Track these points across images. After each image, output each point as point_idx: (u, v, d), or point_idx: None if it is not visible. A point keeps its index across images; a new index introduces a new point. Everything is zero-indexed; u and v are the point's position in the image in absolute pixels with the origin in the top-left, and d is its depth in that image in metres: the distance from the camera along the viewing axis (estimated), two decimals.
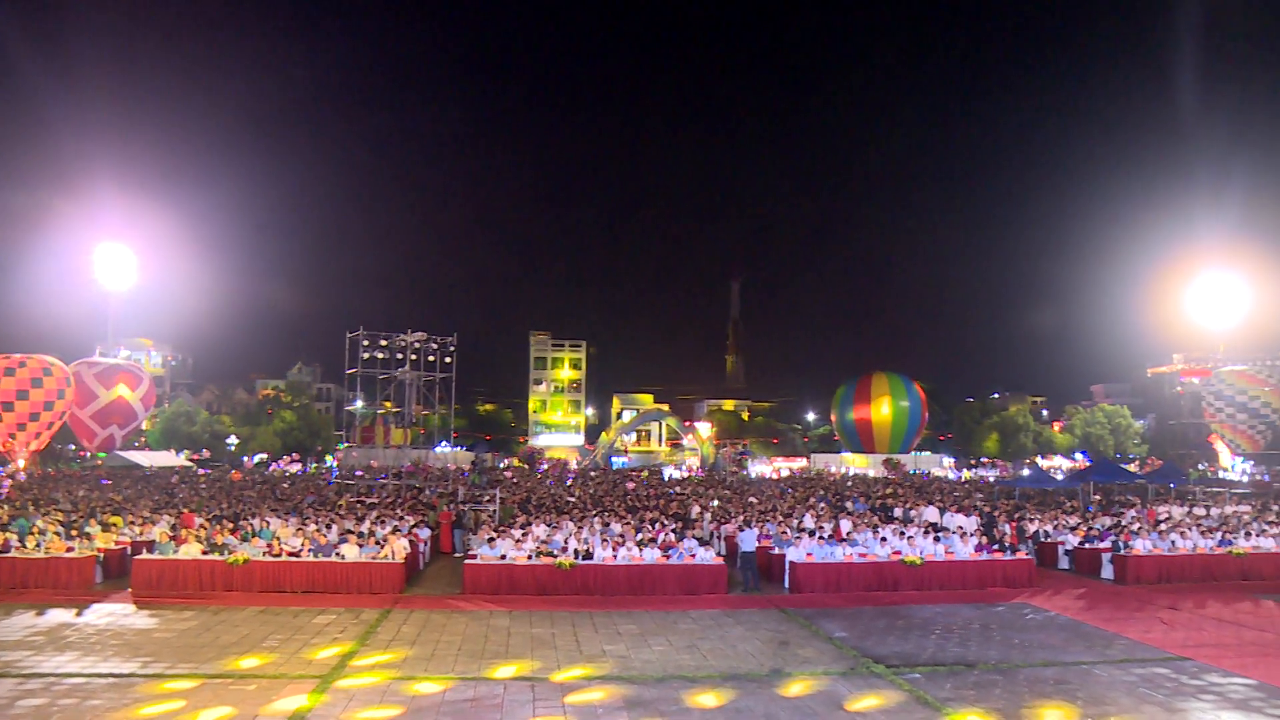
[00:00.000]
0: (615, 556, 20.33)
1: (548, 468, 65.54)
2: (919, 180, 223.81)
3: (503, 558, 20.10)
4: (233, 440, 74.04)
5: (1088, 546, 24.17)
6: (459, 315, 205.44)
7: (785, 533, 23.83)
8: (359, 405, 77.33)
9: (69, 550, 20.23)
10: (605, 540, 21.50)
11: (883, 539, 22.29)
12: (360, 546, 20.35)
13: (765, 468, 74.80)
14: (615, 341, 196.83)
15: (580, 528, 23.92)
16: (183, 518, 25.33)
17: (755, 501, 34.91)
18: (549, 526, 24.25)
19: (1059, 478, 46.36)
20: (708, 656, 14.08)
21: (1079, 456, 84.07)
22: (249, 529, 22.93)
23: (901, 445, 74.03)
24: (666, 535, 22.70)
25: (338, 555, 19.89)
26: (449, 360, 76.51)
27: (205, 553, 19.63)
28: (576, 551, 20.34)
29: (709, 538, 26.30)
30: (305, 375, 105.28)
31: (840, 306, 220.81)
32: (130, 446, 59.85)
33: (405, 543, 21.37)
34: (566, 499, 35.73)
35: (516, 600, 18.73)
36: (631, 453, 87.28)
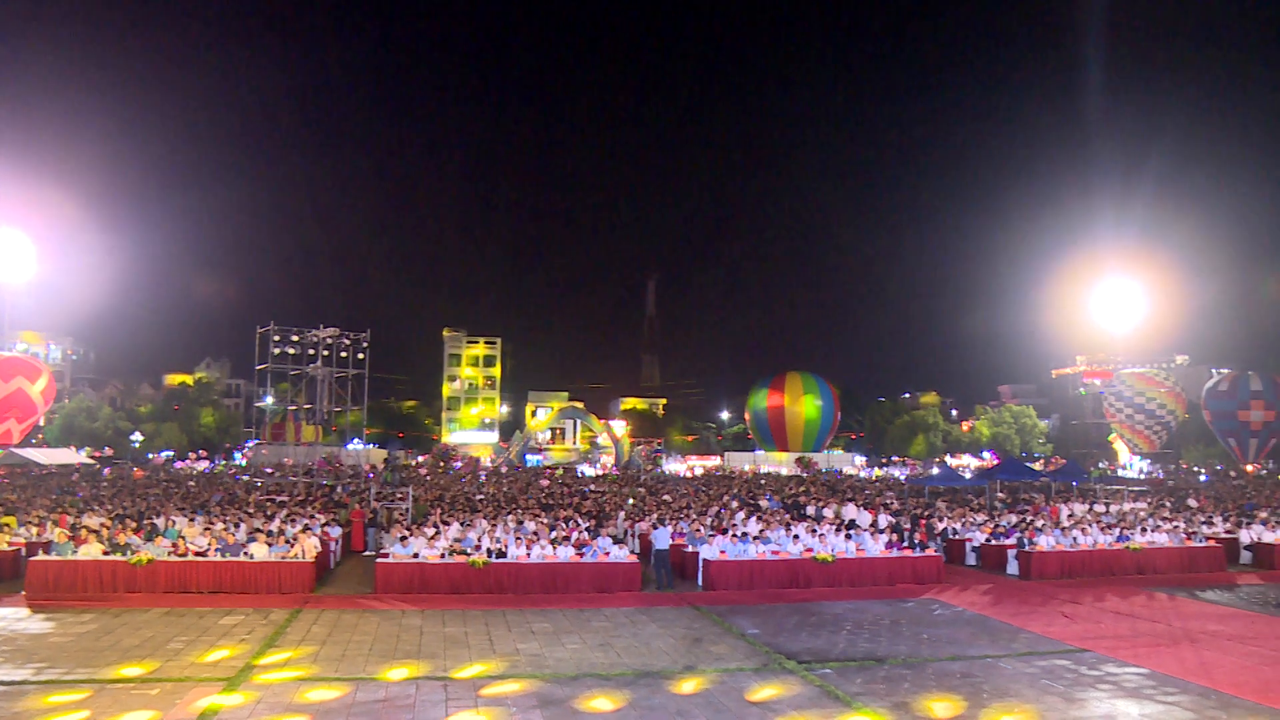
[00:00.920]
0: (529, 555, 20.33)
1: (462, 465, 65.04)
2: (832, 186, 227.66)
3: (416, 556, 19.95)
4: (137, 437, 71.68)
5: (994, 543, 24.92)
6: (373, 312, 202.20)
7: (699, 530, 24.09)
8: (269, 402, 75.61)
9: None
10: (519, 538, 21.49)
11: (795, 536, 22.67)
12: (270, 545, 19.98)
13: (680, 466, 75.31)
14: (531, 339, 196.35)
15: (494, 526, 23.89)
16: (60, 519, 24.25)
17: (669, 499, 35.19)
18: (462, 525, 24.15)
19: (967, 476, 47.59)
20: (621, 654, 14.18)
21: (987, 455, 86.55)
22: (153, 528, 22.33)
23: (815, 444, 75.20)
24: (581, 533, 22.78)
25: (246, 554, 19.49)
26: (362, 357, 75.26)
27: (106, 553, 19.01)
28: (490, 550, 20.29)
29: (623, 536, 26.45)
30: (214, 371, 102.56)
31: (756, 307, 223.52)
32: (28, 443, 57.54)
33: (316, 541, 21.05)
34: (480, 497, 35.56)
35: (429, 599, 18.62)
36: (547, 450, 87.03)
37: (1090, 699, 11.92)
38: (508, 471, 59.54)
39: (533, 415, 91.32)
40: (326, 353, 73.47)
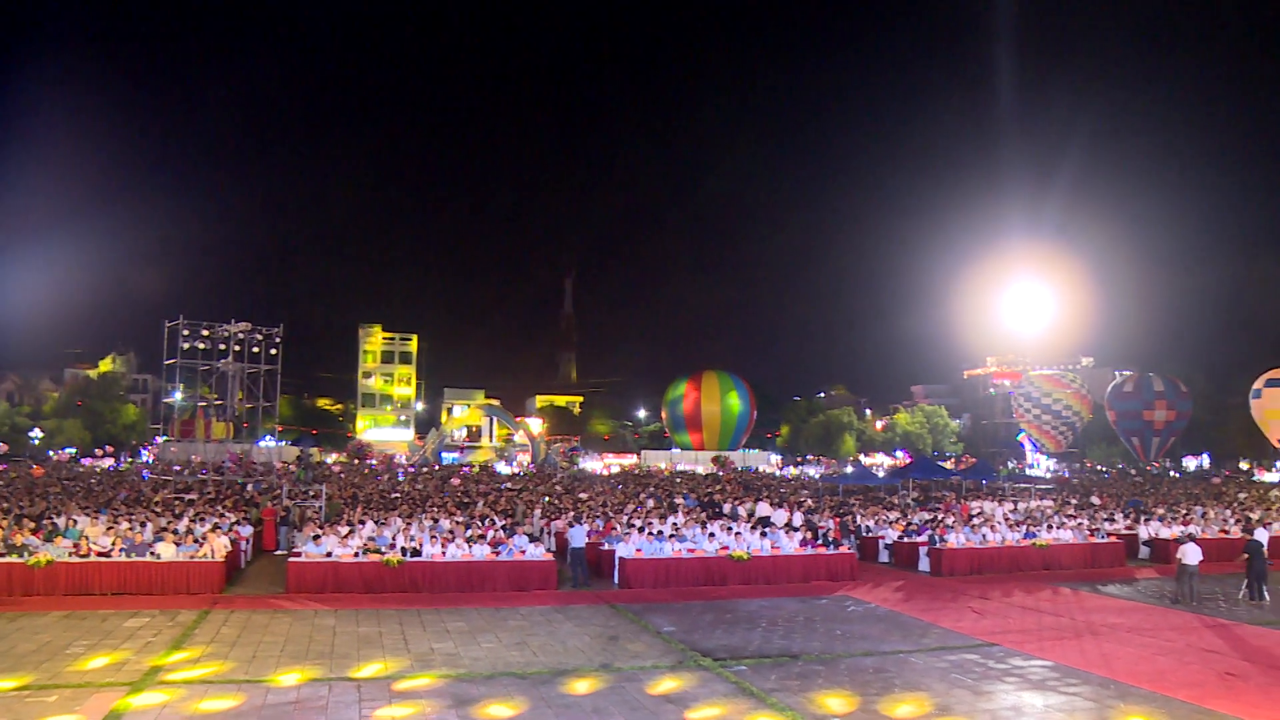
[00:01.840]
0: (444, 553, 20.24)
1: (376, 463, 64.17)
2: (746, 186, 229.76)
3: (328, 555, 19.71)
4: (37, 434, 69.15)
5: (906, 540, 25.56)
6: (286, 307, 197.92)
7: (615, 529, 24.22)
8: (178, 397, 73.55)
9: None
10: (434, 537, 21.36)
11: (710, 535, 22.94)
12: (177, 545, 19.51)
13: (596, 464, 75.41)
14: (448, 336, 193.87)
15: (409, 524, 23.70)
16: None
17: (585, 497, 35.27)
18: (377, 523, 23.91)
19: (880, 475, 48.51)
20: (537, 653, 14.24)
21: (899, 454, 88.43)
22: (53, 527, 21.61)
23: (731, 442, 75.95)
24: (496, 532, 22.73)
25: (153, 554, 19.01)
26: (274, 352, 73.85)
27: (1, 555, 18.35)
28: (405, 549, 20.14)
29: (539, 534, 26.45)
30: (120, 366, 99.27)
31: (673, 306, 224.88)
32: None
33: (226, 541, 20.65)
34: (395, 495, 35.19)
35: (343, 599, 18.43)
36: (463, 448, 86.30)
37: (997, 691, 12.39)
38: (423, 469, 58.89)
39: (449, 413, 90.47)
40: (238, 348, 71.94)
